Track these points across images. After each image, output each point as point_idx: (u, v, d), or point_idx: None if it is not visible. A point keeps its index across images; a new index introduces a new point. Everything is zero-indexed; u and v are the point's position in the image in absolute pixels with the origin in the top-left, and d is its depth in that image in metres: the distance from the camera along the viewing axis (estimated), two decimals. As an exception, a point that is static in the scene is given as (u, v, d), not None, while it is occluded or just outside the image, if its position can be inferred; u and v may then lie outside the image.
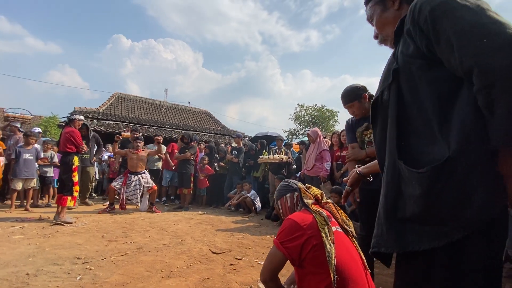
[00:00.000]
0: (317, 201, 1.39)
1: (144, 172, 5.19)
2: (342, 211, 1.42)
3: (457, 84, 0.64)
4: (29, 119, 7.11)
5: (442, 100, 0.66)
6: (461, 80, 0.63)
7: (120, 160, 6.03)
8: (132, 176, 5.01)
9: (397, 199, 0.71)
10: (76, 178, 4.00)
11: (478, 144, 0.59)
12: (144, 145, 6.11)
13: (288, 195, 1.47)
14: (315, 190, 1.45)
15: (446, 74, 0.65)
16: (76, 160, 4.01)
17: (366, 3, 0.97)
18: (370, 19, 0.97)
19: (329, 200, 1.41)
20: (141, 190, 5.03)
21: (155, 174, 6.68)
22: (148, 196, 5.20)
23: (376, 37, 0.97)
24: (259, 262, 2.54)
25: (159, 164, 6.53)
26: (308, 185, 1.50)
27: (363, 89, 2.02)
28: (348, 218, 1.41)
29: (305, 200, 1.35)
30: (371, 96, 2.01)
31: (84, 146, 4.25)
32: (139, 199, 5.03)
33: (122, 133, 7.39)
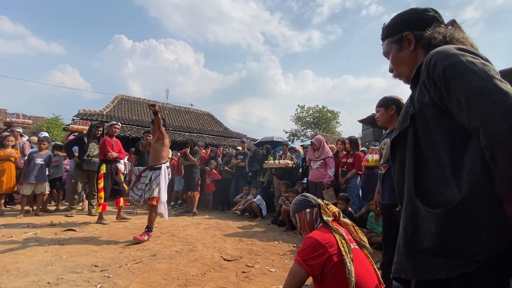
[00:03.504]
0: (335, 219, 1.46)
1: (158, 169, 3.50)
2: (358, 227, 1.49)
3: (467, 134, 0.71)
4: (30, 124, 7.18)
5: (454, 148, 0.73)
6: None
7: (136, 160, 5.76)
8: (148, 172, 3.57)
9: (414, 233, 0.78)
10: (101, 185, 4.19)
11: (486, 189, 0.67)
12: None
13: (307, 210, 1.51)
14: (333, 208, 1.51)
15: (457, 125, 0.73)
16: (102, 168, 4.23)
17: (383, 39, 1.02)
18: (386, 55, 1.03)
19: (345, 219, 1.48)
20: (144, 195, 3.44)
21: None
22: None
23: (391, 71, 1.03)
24: (270, 270, 2.61)
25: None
26: (327, 202, 1.56)
27: (393, 101, 2.19)
28: (363, 234, 1.48)
29: (325, 218, 1.41)
30: (399, 108, 2.12)
31: (112, 153, 4.37)
32: (138, 200, 3.49)
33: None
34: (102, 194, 4.20)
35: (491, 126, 0.62)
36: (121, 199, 4.49)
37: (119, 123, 4.83)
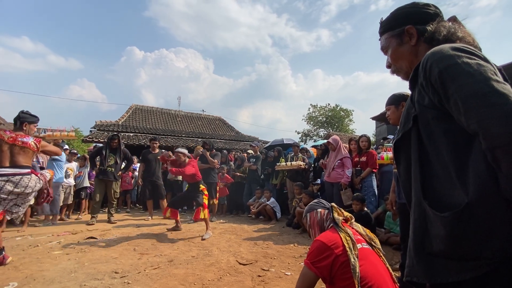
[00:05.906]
0: (346, 221, 1.47)
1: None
2: (369, 230, 1.48)
3: (470, 135, 0.69)
4: (57, 138, 7.74)
5: (457, 150, 0.71)
6: None
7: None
8: None
9: (424, 236, 0.77)
10: (205, 201, 4.30)
11: (493, 191, 0.64)
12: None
13: (319, 210, 1.55)
14: (346, 213, 1.52)
15: (459, 126, 0.71)
16: (203, 189, 4.38)
17: (381, 33, 1.00)
18: (384, 50, 1.00)
19: (357, 224, 1.48)
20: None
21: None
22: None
23: (389, 66, 1.00)
24: (286, 273, 2.59)
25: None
26: (340, 208, 1.58)
27: (403, 97, 2.17)
28: (375, 235, 1.47)
29: (336, 216, 1.43)
30: None
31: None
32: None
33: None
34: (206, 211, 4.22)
35: (489, 129, 0.61)
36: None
37: (182, 149, 4.52)
